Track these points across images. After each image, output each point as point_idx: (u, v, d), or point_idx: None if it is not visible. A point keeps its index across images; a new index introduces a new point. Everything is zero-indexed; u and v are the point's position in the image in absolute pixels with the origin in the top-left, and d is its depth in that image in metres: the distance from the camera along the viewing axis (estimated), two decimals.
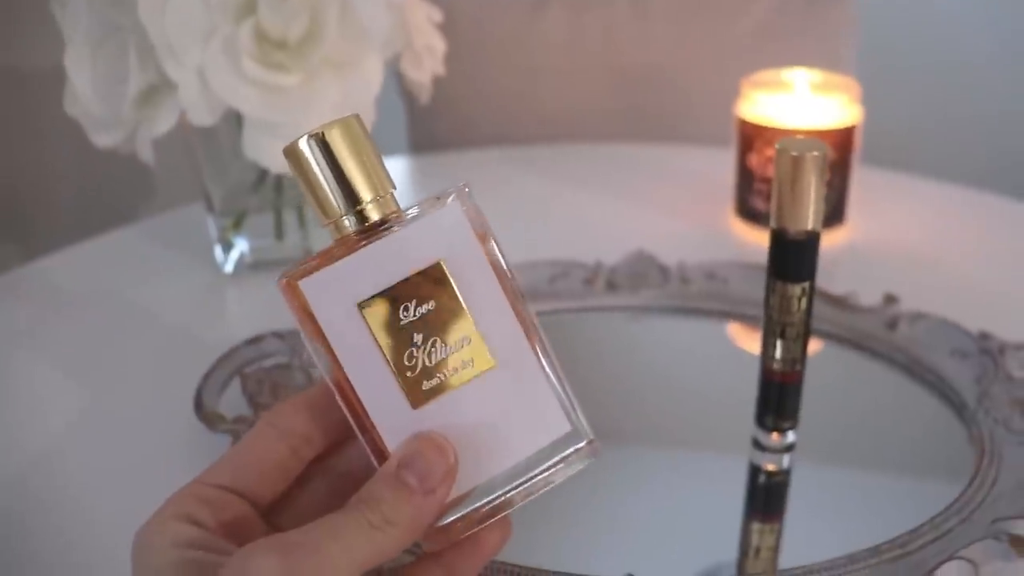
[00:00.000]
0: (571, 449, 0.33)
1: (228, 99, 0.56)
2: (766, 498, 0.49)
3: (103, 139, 0.61)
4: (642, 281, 0.62)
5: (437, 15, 0.72)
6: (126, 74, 0.57)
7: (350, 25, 0.58)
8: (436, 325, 0.32)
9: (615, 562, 0.40)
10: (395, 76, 0.72)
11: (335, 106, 0.58)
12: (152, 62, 0.57)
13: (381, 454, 0.32)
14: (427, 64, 0.69)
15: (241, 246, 0.69)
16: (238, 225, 0.69)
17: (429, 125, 1.08)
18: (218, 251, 0.70)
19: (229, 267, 0.69)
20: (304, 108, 0.57)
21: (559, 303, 0.61)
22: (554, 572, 0.40)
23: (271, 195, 0.68)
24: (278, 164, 0.59)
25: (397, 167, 0.95)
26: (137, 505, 0.32)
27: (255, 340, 0.55)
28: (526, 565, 0.40)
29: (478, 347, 0.32)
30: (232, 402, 0.51)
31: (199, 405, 0.49)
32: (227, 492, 0.32)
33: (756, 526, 0.47)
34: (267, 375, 0.52)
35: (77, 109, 0.61)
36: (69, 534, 0.45)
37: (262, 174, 0.67)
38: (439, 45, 0.71)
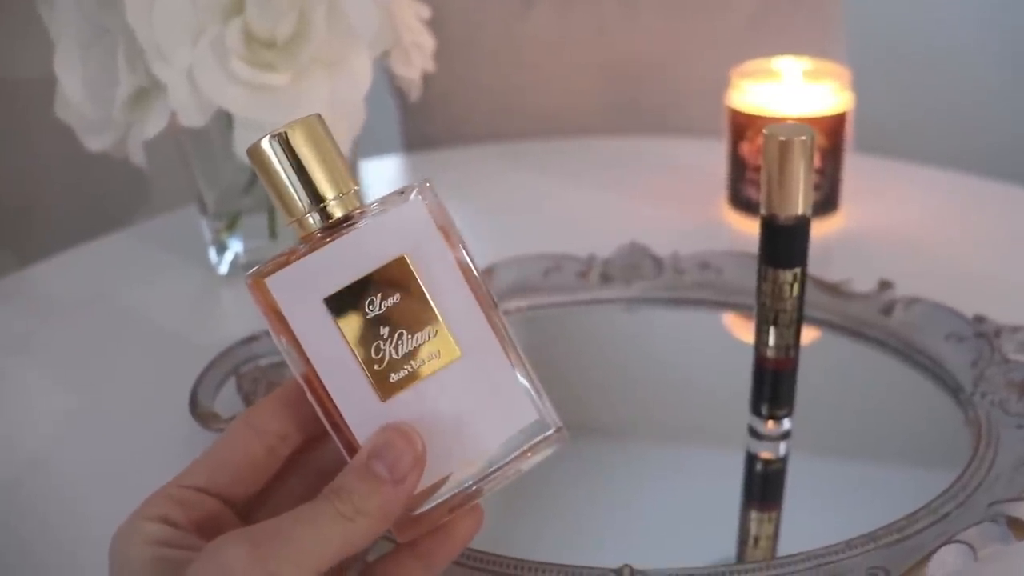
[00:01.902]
0: (539, 437, 0.34)
1: (217, 99, 0.56)
2: (763, 486, 0.49)
3: (95, 143, 0.61)
4: (636, 273, 0.62)
5: (425, 12, 0.72)
6: (116, 77, 0.57)
7: (338, 23, 0.58)
8: (402, 318, 0.32)
9: (612, 553, 0.40)
10: (387, 74, 0.72)
11: (325, 104, 0.58)
12: (141, 64, 0.57)
13: (352, 447, 0.32)
14: (416, 61, 0.69)
15: (235, 247, 0.69)
16: (232, 226, 0.69)
17: (421, 123, 1.08)
18: (212, 253, 0.70)
19: (223, 268, 0.69)
20: (294, 107, 0.57)
21: (553, 296, 0.61)
22: (550, 564, 0.40)
23: (264, 195, 0.68)
24: None
25: (390, 165, 0.95)
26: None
27: (250, 340, 0.55)
28: (523, 558, 0.40)
29: (444, 338, 0.33)
30: (227, 401, 0.51)
31: (195, 405, 0.49)
32: (202, 493, 0.33)
33: (754, 514, 0.47)
34: (262, 374, 0.52)
35: (68, 113, 0.61)
36: (65, 534, 0.45)
37: (254, 175, 0.67)
38: (428, 42, 0.71)
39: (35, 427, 0.54)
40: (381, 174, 0.91)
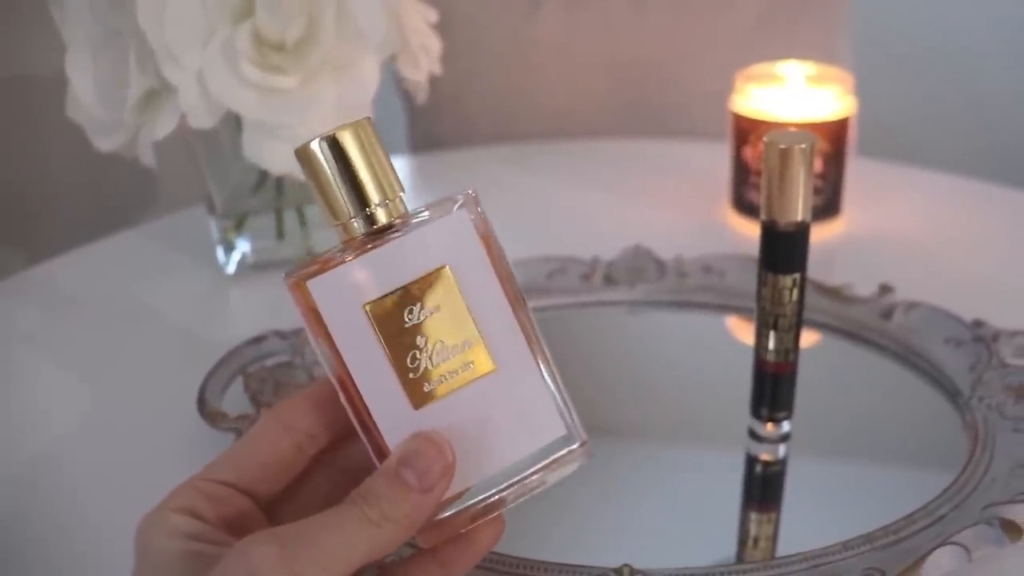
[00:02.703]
0: (565, 451, 0.34)
1: (227, 102, 0.57)
2: (762, 488, 0.49)
3: (105, 143, 0.62)
4: (639, 275, 0.63)
5: (433, 15, 0.73)
6: (126, 78, 0.58)
7: (347, 27, 0.58)
8: (440, 328, 0.32)
9: (612, 553, 0.41)
10: (394, 76, 0.73)
11: (333, 107, 0.59)
12: (152, 66, 0.57)
13: (381, 452, 0.33)
14: (423, 64, 0.69)
15: (243, 247, 0.70)
16: (240, 226, 0.69)
17: (429, 124, 1.08)
18: (220, 252, 0.70)
19: (231, 268, 0.70)
20: (302, 110, 0.58)
21: (557, 299, 0.62)
22: (551, 563, 0.40)
23: (272, 196, 0.68)
24: (278, 166, 0.59)
25: (398, 166, 0.95)
26: (142, 502, 0.32)
27: (257, 339, 0.55)
28: (523, 556, 0.40)
29: (479, 351, 0.33)
30: (235, 400, 0.51)
31: (202, 404, 0.50)
32: (229, 487, 0.33)
33: (753, 515, 0.47)
34: (269, 374, 0.53)
35: (79, 113, 0.61)
36: (75, 532, 0.46)
37: (263, 176, 0.67)
38: (435, 45, 0.72)
39: (43, 425, 0.54)
40: None
